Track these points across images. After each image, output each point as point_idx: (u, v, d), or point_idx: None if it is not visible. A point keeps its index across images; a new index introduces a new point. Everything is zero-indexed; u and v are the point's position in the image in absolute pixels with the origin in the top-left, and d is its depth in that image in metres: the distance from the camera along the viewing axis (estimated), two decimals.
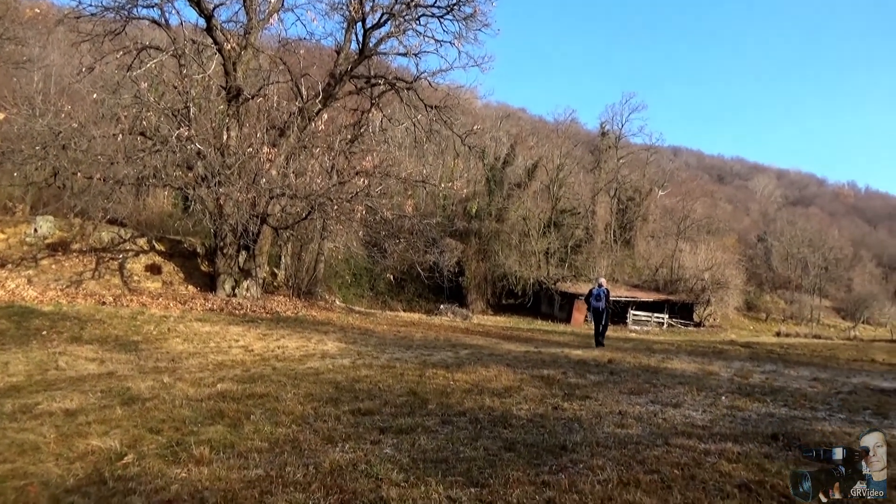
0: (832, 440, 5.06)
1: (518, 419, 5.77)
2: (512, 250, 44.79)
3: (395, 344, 12.77)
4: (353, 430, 5.23)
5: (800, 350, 18.56)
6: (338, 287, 36.08)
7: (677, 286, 48.94)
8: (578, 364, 10.27)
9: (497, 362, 9.84)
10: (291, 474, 4.01)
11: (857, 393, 8.36)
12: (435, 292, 42.10)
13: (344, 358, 9.82)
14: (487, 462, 4.38)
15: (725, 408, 6.70)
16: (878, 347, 24.02)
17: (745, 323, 54.12)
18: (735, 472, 4.27)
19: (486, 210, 45.13)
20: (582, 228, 50.48)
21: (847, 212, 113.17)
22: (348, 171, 19.26)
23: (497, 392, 7.13)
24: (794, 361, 13.76)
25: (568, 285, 44.47)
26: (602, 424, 5.69)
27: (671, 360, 11.73)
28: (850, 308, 64.84)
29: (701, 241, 54.62)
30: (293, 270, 25.32)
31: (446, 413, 5.96)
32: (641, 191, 57.28)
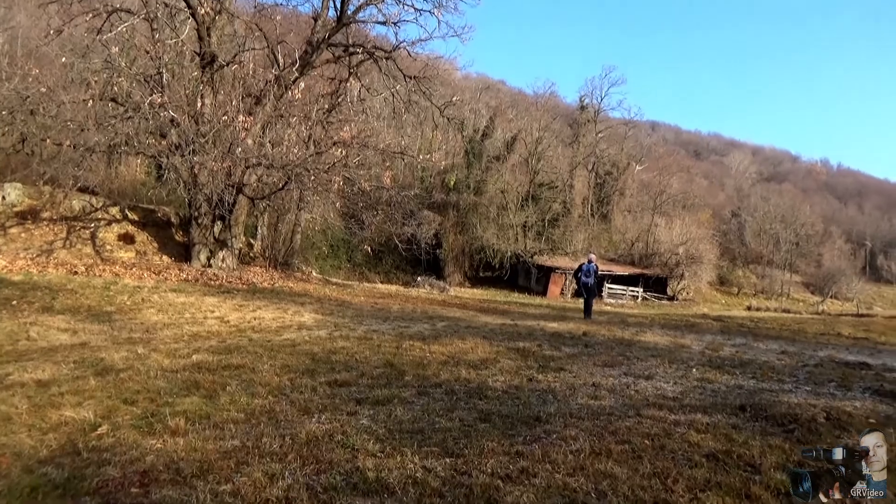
0: (797, 412, 5.20)
1: (493, 391, 5.84)
2: (490, 223, 44.88)
3: (373, 316, 12.76)
4: (330, 401, 5.25)
5: (769, 324, 18.94)
6: (315, 258, 35.91)
7: (652, 260, 49.60)
8: (554, 337, 10.38)
9: (474, 334, 9.91)
10: (268, 445, 4.03)
11: (823, 366, 8.59)
12: (412, 264, 42.15)
13: (321, 329, 9.81)
14: (463, 433, 4.43)
15: (696, 380, 6.84)
16: (844, 322, 24.63)
17: (718, 297, 55.10)
18: (703, 442, 4.38)
19: (464, 182, 45.05)
20: (559, 202, 50.68)
21: (819, 188, 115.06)
22: (326, 142, 19.02)
23: (473, 364, 7.20)
24: (763, 335, 14.05)
25: (545, 258, 44.80)
26: (576, 396, 5.78)
27: (644, 334, 11.92)
28: (819, 283, 66.29)
29: (676, 216, 55.30)
30: (270, 241, 25.11)
31: (423, 384, 6.01)
32: (619, 165, 57.60)
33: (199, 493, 3.29)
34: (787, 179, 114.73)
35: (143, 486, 3.40)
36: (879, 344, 14.00)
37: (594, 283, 16.82)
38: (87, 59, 18.02)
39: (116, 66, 17.23)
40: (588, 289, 16.79)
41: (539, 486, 3.49)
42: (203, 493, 3.29)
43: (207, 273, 17.60)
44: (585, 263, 16.89)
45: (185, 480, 3.48)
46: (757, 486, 3.54)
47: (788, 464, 3.97)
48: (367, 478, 3.52)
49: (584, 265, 16.90)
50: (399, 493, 3.35)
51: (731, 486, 3.55)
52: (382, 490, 3.39)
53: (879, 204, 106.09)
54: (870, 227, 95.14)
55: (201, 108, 17.92)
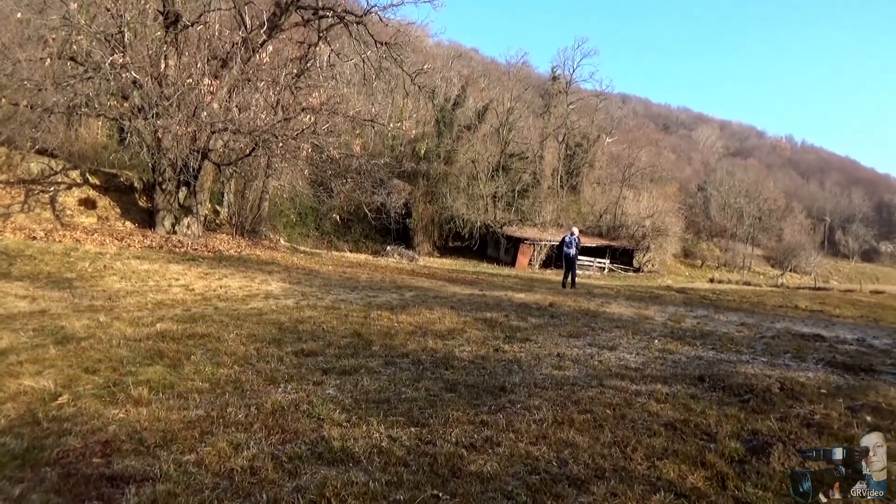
0: (753, 382, 5.37)
1: (460, 361, 5.90)
2: (460, 193, 44.81)
3: (341, 285, 12.73)
4: (296, 370, 5.25)
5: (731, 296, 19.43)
6: (283, 226, 35.52)
7: (619, 232, 50.20)
8: (521, 307, 10.50)
9: (441, 305, 9.97)
10: (233, 415, 4.02)
11: (780, 337, 8.86)
12: (382, 234, 41.97)
13: (288, 298, 9.75)
14: (428, 402, 4.48)
15: (658, 351, 7.01)
16: (802, 295, 25.37)
17: (682, 269, 56.18)
18: (663, 411, 4.50)
19: (435, 152, 44.78)
20: (530, 173, 50.77)
21: (783, 164, 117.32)
22: (294, 108, 18.65)
23: (440, 334, 7.25)
24: (724, 307, 14.41)
25: (514, 229, 44.99)
26: (540, 366, 5.88)
27: (610, 305, 12.13)
28: (780, 257, 68.00)
29: (644, 189, 55.91)
30: (236, 208, 24.72)
31: (390, 354, 6.04)
32: (589, 137, 57.77)
33: (163, 463, 3.28)
34: (752, 155, 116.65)
35: (104, 457, 3.37)
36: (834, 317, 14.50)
37: (576, 254, 17.57)
38: (45, 16, 17.28)
39: (75, 23, 16.52)
40: (569, 259, 17.53)
41: (502, 454, 3.56)
42: (166, 463, 3.28)
43: (172, 240, 17.28)
44: (568, 235, 17.56)
45: (148, 450, 3.46)
46: (712, 454, 3.66)
47: (743, 432, 4.12)
48: (332, 447, 3.55)
49: (566, 237, 17.58)
50: (364, 462, 3.39)
51: (687, 454, 3.67)
52: (347, 459, 3.42)
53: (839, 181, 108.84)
54: (829, 202, 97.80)
55: (165, 69, 17.38)
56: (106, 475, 3.16)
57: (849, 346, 8.40)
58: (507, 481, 3.22)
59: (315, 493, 3.01)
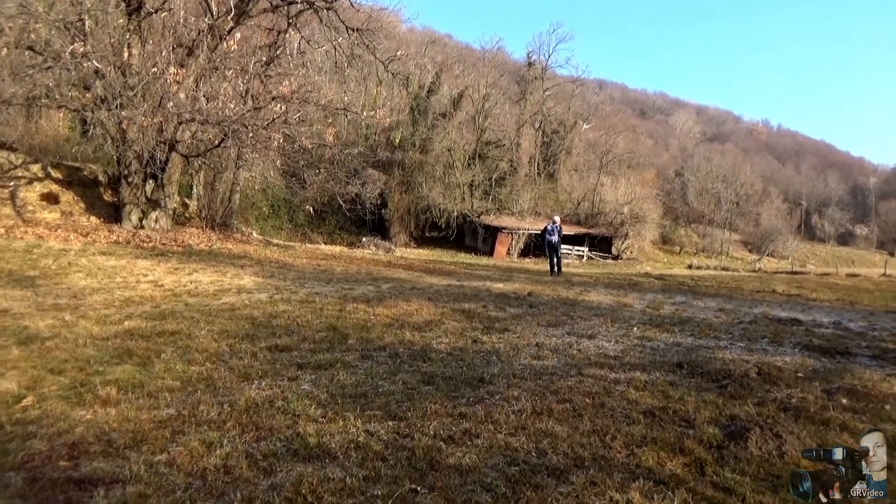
0: (731, 367, 5.46)
1: (438, 353, 5.92)
2: (436, 182, 44.75)
3: (315, 278, 12.66)
4: (270, 366, 5.21)
5: (709, 282, 19.71)
6: (255, 219, 35.18)
7: (598, 220, 50.59)
8: (499, 297, 10.55)
9: (418, 296, 9.98)
10: (205, 413, 3.98)
11: (757, 322, 9.03)
12: (357, 225, 41.81)
13: (261, 293, 9.67)
14: (406, 396, 4.48)
15: (636, 338, 7.10)
16: (779, 279, 25.83)
17: (661, 256, 56.85)
18: (642, 399, 4.56)
19: (409, 140, 44.64)
20: (506, 161, 50.85)
21: (759, 148, 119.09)
22: (264, 97, 18.45)
23: (418, 326, 7.26)
24: (703, 293, 14.63)
25: (491, 218, 45.09)
26: (519, 356, 5.91)
27: (589, 293, 12.23)
28: (757, 242, 69.17)
29: (622, 176, 56.37)
30: (206, 201, 24.40)
31: (366, 348, 6.03)
32: (566, 124, 58.00)
33: (133, 465, 3.24)
34: (729, 139, 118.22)
35: (72, 459, 3.32)
36: (811, 300, 14.79)
37: (558, 241, 18.77)
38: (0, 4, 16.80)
39: (33, 10, 16.10)
40: (552, 246, 18.71)
41: (481, 446, 3.58)
42: (136, 465, 3.24)
43: (140, 235, 17.02)
44: (550, 224, 18.85)
45: (117, 452, 3.41)
46: (690, 440, 3.72)
47: (721, 418, 4.19)
48: (308, 443, 3.54)
49: (549, 226, 18.85)
50: (341, 458, 3.38)
51: (665, 440, 3.72)
52: (324, 455, 3.41)
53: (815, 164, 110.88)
54: (806, 186, 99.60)
55: (128, 58, 17.05)
56: (73, 478, 3.12)
57: (825, 330, 8.58)
58: (486, 473, 3.24)
59: (291, 490, 3.00)
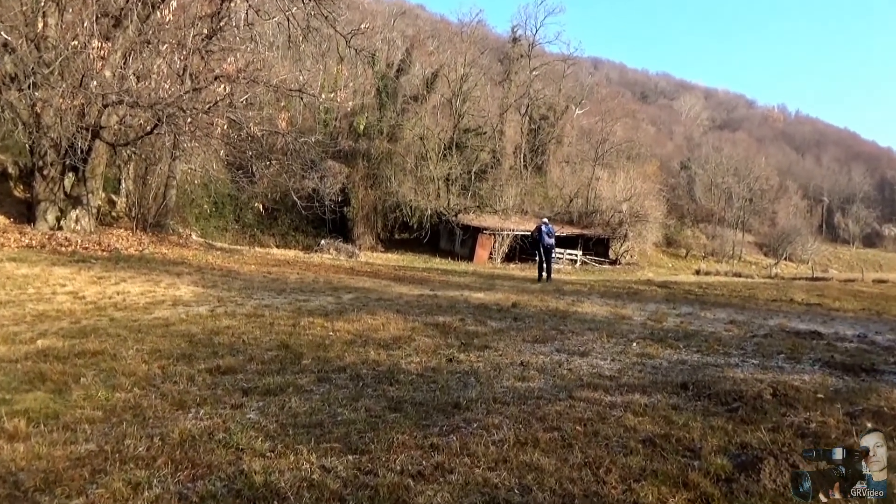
0: (742, 388, 5.53)
1: (407, 374, 5.92)
2: (407, 176, 44.79)
3: (265, 287, 12.63)
4: (210, 392, 5.18)
5: (718, 290, 19.94)
6: (195, 218, 34.89)
7: (593, 219, 51.01)
8: (479, 309, 10.59)
9: (386, 308, 10.00)
10: (132, 448, 3.92)
11: (773, 336, 9.16)
12: (314, 225, 41.66)
13: (201, 305, 9.62)
14: (369, 425, 4.47)
15: (636, 355, 7.16)
16: (797, 286, 26.24)
17: (664, 260, 57.53)
18: (640, 425, 4.59)
19: (376, 127, 44.60)
20: (488, 151, 51.09)
21: (775, 137, 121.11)
22: (205, 76, 18.33)
23: (384, 343, 7.27)
24: (711, 302, 14.80)
25: (471, 217, 45.23)
26: (501, 378, 5.94)
27: (581, 303, 12.33)
28: (773, 244, 70.28)
29: (620, 168, 56.95)
30: (137, 198, 24.14)
31: (323, 369, 6.02)
32: (556, 108, 58.46)
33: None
34: (741, 127, 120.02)
35: None
36: (833, 310, 15.04)
37: (551, 244, 19.37)
38: None
39: None
40: (546, 250, 19.25)
41: (455, 483, 3.57)
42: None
43: (57, 237, 16.79)
44: (544, 225, 19.32)
45: (25, 495, 3.35)
46: (695, 473, 3.75)
47: (730, 446, 4.23)
48: (253, 482, 3.50)
49: (542, 227, 19.32)
50: (292, 499, 3.35)
51: (667, 473, 3.75)
52: (272, 496, 3.38)
53: (838, 156, 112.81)
54: (827, 180, 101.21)
55: (44, 30, 16.83)
56: None
57: (849, 344, 8.74)
58: None
59: None
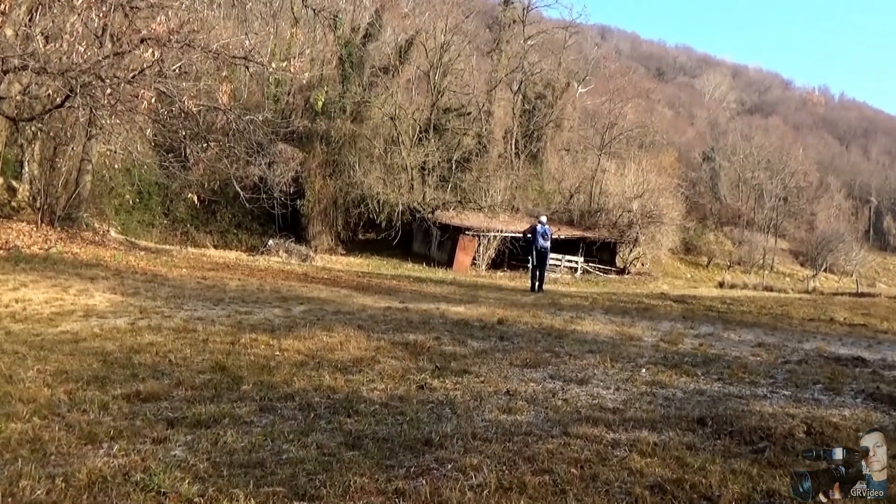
0: (771, 424, 5.57)
1: (369, 404, 5.91)
2: (374, 163, 44.69)
3: (199, 296, 12.62)
4: (128, 423, 5.14)
5: (746, 306, 20.12)
6: (114, 211, 34.59)
7: (597, 219, 51.14)
8: (458, 326, 10.62)
9: (345, 323, 10.02)
10: (28, 491, 3.87)
11: (809, 362, 9.26)
12: (261, 222, 41.50)
13: (119, 317, 9.57)
14: (321, 465, 4.45)
15: (645, 384, 7.20)
16: (839, 303, 26.55)
17: (682, 270, 57.89)
18: (648, 468, 4.61)
19: (337, 104, 44.49)
20: (473, 136, 51.10)
21: (815, 125, 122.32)
22: (129, 37, 18.20)
23: (342, 366, 7.26)
24: (736, 321, 14.94)
25: (451, 215, 45.18)
26: (483, 409, 5.94)
27: (582, 321, 12.38)
28: (811, 252, 70.61)
29: (630, 159, 57.17)
30: (43, 185, 23.90)
31: (267, 397, 6.01)
32: (555, 86, 58.58)
33: None
34: (775, 112, 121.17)
35: None
36: (880, 332, 15.24)
37: (547, 248, 20.19)
38: None
39: None
40: (542, 255, 20.05)
41: None
42: None
43: None
44: (539, 225, 20.03)
45: None
46: None
47: (755, 494, 4.25)
48: None
49: (537, 227, 20.05)
50: None
51: None
52: None
53: (889, 147, 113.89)
54: (876, 177, 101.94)
55: None
56: None
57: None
58: None
59: None
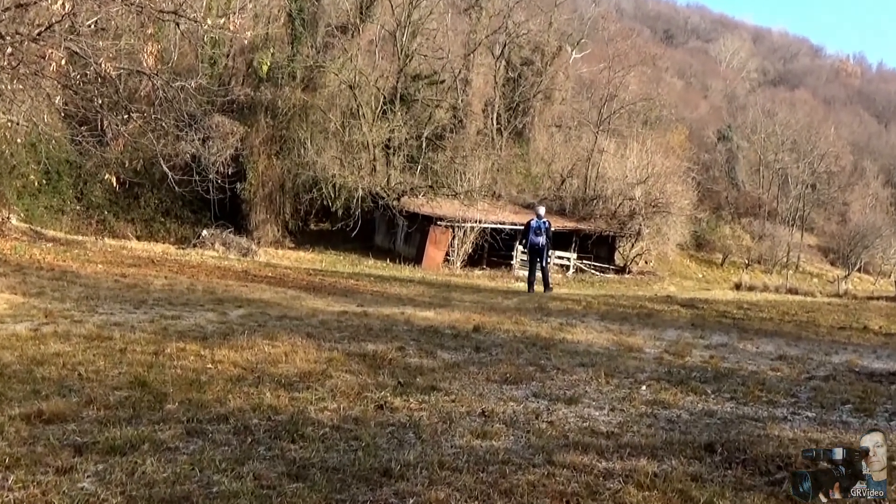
0: (791, 452, 5.60)
1: (317, 427, 5.86)
2: (329, 140, 44.57)
3: (117, 298, 12.53)
4: (27, 449, 5.07)
5: (766, 312, 20.22)
6: (16, 194, 34.27)
7: (593, 208, 51.28)
8: (426, 334, 10.59)
9: (292, 331, 9.96)
10: None
11: (837, 378, 9.33)
12: (193, 209, 41.30)
13: (19, 322, 9.50)
14: (259, 499, 4.42)
15: (645, 404, 7.21)
16: (875, 309, 26.70)
17: (692, 269, 58.20)
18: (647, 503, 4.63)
19: (286, 70, 44.28)
20: (447, 108, 51.05)
21: (849, 99, 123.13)
22: None
23: (287, 381, 7.21)
24: (755, 330, 15.02)
25: (420, 202, 45.13)
26: (453, 433, 5.91)
27: (573, 328, 12.39)
28: (843, 248, 70.85)
29: (633, 138, 57.24)
30: None
31: (196, 418, 5.93)
32: (545, 50, 58.61)
33: None
34: (802, 83, 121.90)
35: None
36: None
37: (546, 244, 20.92)
38: None
39: None
40: (537, 251, 20.91)
41: None
42: None
43: None
44: (535, 219, 21.00)
45: None
46: None
47: None
48: None
49: (532, 222, 21.02)
50: None
51: None
52: None
53: None
54: None
55: None
56: None
57: None
58: None
59: None
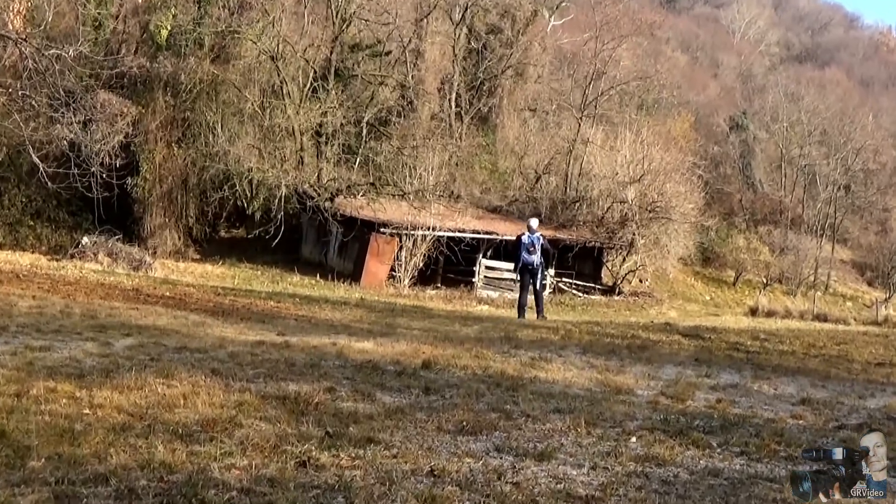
0: None
1: (223, 489, 5.79)
2: (245, 125, 44.52)
3: None
4: None
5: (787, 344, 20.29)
6: None
7: (575, 213, 51.46)
8: (364, 370, 10.57)
9: (193, 366, 9.93)
10: None
11: (873, 427, 9.39)
12: (72, 210, 41.08)
13: None
14: None
15: (634, 460, 7.20)
16: None
17: (698, 289, 58.55)
18: None
19: (191, 36, 44.17)
20: (394, 86, 51.15)
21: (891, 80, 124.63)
22: None
23: (185, 431, 7.14)
24: (773, 366, 15.06)
25: (359, 204, 45.10)
26: (393, 498, 5.87)
27: (548, 364, 12.38)
28: (883, 264, 71.58)
29: (625, 126, 57.43)
30: None
31: (68, 478, 5.85)
32: (517, 16, 58.88)
33: None
34: (834, 60, 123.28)
35: None
36: None
37: (541, 263, 21.32)
38: None
39: None
40: (530, 272, 21.30)
41: None
42: None
43: None
44: (526, 234, 21.29)
45: None
46: None
47: None
48: None
49: (523, 236, 21.33)
50: None
51: None
52: None
53: None
54: None
55: None
56: None
57: None
58: None
59: None
